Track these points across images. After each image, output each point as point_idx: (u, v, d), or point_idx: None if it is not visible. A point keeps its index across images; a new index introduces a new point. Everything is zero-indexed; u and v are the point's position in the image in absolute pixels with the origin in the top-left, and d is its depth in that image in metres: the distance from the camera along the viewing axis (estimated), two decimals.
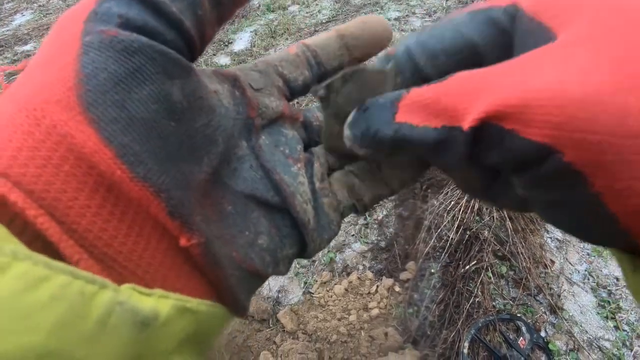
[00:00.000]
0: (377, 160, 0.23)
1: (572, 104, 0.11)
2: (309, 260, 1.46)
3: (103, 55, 0.14)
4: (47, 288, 0.10)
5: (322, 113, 0.22)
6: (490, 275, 1.28)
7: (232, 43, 2.78)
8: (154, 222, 0.14)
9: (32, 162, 0.12)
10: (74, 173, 0.13)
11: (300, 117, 0.23)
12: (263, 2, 3.26)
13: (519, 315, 1.19)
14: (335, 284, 1.36)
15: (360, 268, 1.42)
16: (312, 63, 0.23)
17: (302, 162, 0.21)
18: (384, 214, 1.57)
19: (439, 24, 0.18)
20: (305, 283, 1.40)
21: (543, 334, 1.17)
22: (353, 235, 1.52)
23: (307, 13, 3.00)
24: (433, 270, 1.34)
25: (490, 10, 0.17)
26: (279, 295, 1.38)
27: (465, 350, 1.11)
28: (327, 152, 0.23)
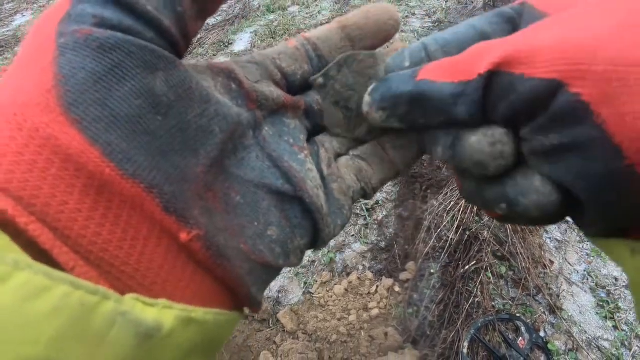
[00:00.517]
0: (382, 142, 0.23)
1: (574, 46, 0.13)
2: (309, 261, 1.47)
3: (80, 55, 0.13)
4: (48, 299, 0.10)
5: (322, 102, 0.22)
6: (490, 276, 1.28)
7: (232, 44, 2.79)
8: (150, 223, 0.14)
9: (17, 167, 0.12)
10: (62, 176, 0.12)
11: (302, 105, 0.22)
12: (263, 2, 3.26)
13: (519, 316, 1.19)
14: (335, 284, 1.37)
15: (360, 268, 1.42)
16: (312, 56, 0.22)
17: (307, 150, 0.21)
18: (384, 215, 1.58)
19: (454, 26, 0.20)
20: (305, 283, 1.40)
21: (542, 334, 1.17)
22: (353, 236, 1.53)
23: (307, 14, 3.01)
24: (433, 271, 1.34)
25: (501, 9, 0.19)
26: (279, 295, 1.39)
27: (465, 350, 1.11)
28: (333, 137, 0.23)
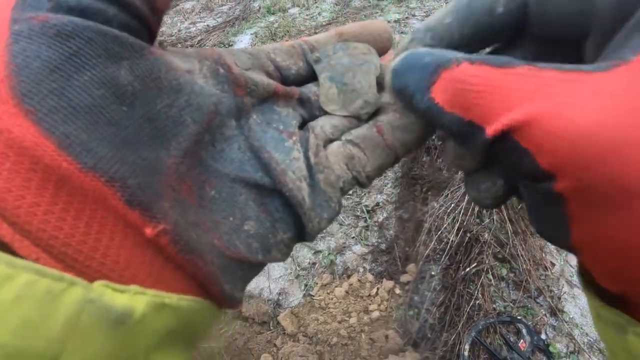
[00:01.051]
0: (379, 122, 0.21)
1: (582, 143, 0.12)
2: (310, 263, 1.46)
3: (35, 43, 0.13)
4: (11, 287, 0.10)
5: (318, 76, 0.22)
6: (491, 278, 1.28)
7: (232, 45, 2.79)
8: (115, 216, 0.13)
9: None
10: (17, 170, 0.12)
11: (296, 93, 0.21)
12: (263, 4, 3.27)
13: (520, 318, 1.19)
14: (336, 287, 1.36)
15: (361, 270, 1.42)
16: (308, 56, 0.22)
17: (297, 136, 0.20)
18: (385, 216, 1.57)
19: None
20: (306, 285, 1.40)
21: (543, 337, 1.17)
22: (353, 238, 1.52)
23: (307, 15, 3.01)
24: (433, 273, 1.34)
25: None
26: (280, 298, 1.39)
27: (466, 353, 1.11)
28: (327, 118, 0.22)
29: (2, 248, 0.12)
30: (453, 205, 1.42)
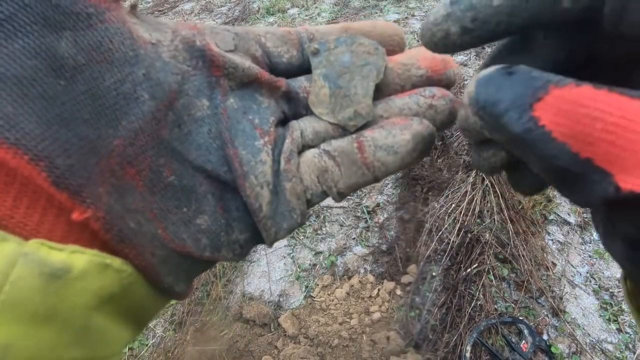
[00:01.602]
0: (364, 138, 0.19)
1: None
2: (310, 264, 1.46)
3: None
4: None
5: (312, 71, 0.20)
6: (492, 278, 1.28)
7: None
8: (48, 194, 0.13)
9: None
10: None
11: (282, 85, 0.19)
12: (263, 5, 3.27)
13: (521, 318, 1.18)
14: (337, 288, 1.36)
15: (362, 271, 1.41)
16: (305, 45, 0.20)
17: (271, 136, 0.18)
18: (385, 217, 1.57)
19: None
20: (307, 287, 1.40)
21: (545, 337, 1.16)
22: (354, 239, 1.52)
23: (306, 16, 3.01)
24: (434, 273, 1.34)
25: None
26: (280, 300, 1.38)
27: (468, 354, 1.10)
28: (312, 120, 0.20)
29: None
30: (454, 206, 1.42)
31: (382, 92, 0.21)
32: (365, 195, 1.66)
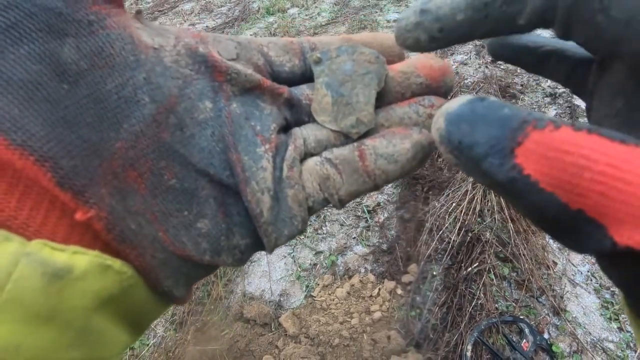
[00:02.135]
0: (365, 146, 0.19)
1: None
2: (311, 264, 1.46)
3: None
4: None
5: (315, 80, 0.21)
6: (493, 277, 1.27)
7: None
8: (52, 195, 0.13)
9: None
10: None
11: (285, 92, 0.20)
12: (263, 5, 3.27)
13: (522, 317, 1.18)
14: (337, 287, 1.36)
15: (362, 271, 1.41)
16: (307, 55, 0.21)
17: (272, 143, 0.19)
18: (385, 217, 1.57)
19: None
20: (307, 286, 1.40)
21: (546, 336, 1.16)
22: (354, 238, 1.52)
23: (306, 15, 3.01)
24: (435, 273, 1.34)
25: None
26: (281, 299, 1.38)
27: (469, 353, 1.10)
28: (314, 128, 0.20)
29: None
30: (454, 205, 1.41)
31: (383, 99, 0.21)
32: (366, 195, 1.66)
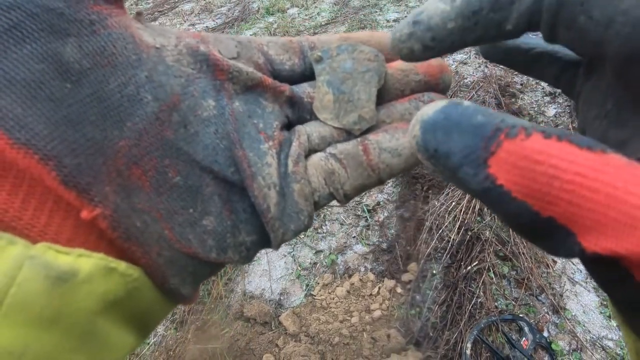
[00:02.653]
0: (368, 141, 0.20)
1: None
2: (311, 263, 1.46)
3: None
4: None
5: (316, 77, 0.21)
6: (492, 276, 1.28)
7: None
8: (56, 195, 0.13)
9: None
10: None
11: (286, 90, 0.20)
12: (262, 5, 3.27)
13: (522, 316, 1.19)
14: (337, 286, 1.36)
15: (362, 270, 1.42)
16: (306, 53, 0.21)
17: (276, 140, 0.19)
18: (385, 216, 1.57)
19: None
20: (307, 285, 1.40)
21: (546, 334, 1.16)
22: (354, 237, 1.52)
23: (306, 15, 3.01)
24: (435, 271, 1.34)
25: None
26: (281, 298, 1.39)
27: (468, 352, 1.11)
28: (317, 125, 0.21)
29: None
30: (454, 204, 1.42)
31: (383, 97, 0.21)
32: (366, 194, 1.66)
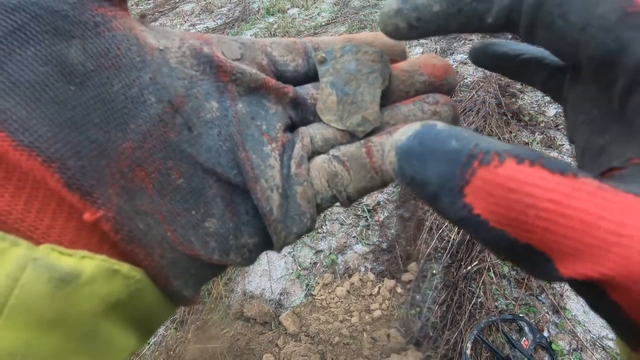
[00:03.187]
0: (371, 144, 0.20)
1: None
2: (311, 262, 1.46)
3: None
4: None
5: (320, 78, 0.21)
6: (492, 276, 1.28)
7: None
8: (59, 197, 0.13)
9: None
10: None
11: (289, 91, 0.20)
12: (263, 5, 3.28)
13: (522, 316, 1.19)
14: (337, 286, 1.36)
15: (362, 269, 1.42)
16: (310, 54, 0.21)
17: (279, 142, 0.19)
18: (385, 215, 1.57)
19: None
20: (307, 285, 1.40)
21: (546, 334, 1.16)
22: (354, 237, 1.52)
23: (306, 16, 3.01)
24: (435, 271, 1.34)
25: None
26: (281, 298, 1.39)
27: (468, 352, 1.10)
28: (320, 127, 0.21)
29: None
30: None
31: (387, 98, 0.21)
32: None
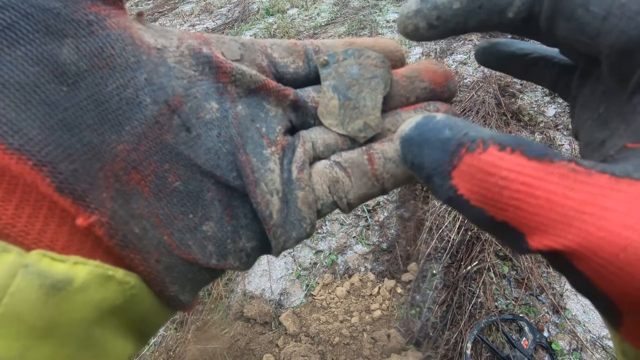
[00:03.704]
0: (373, 150, 0.20)
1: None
2: (311, 263, 1.46)
3: None
4: None
5: (321, 82, 0.21)
6: (492, 276, 1.28)
7: None
8: (51, 201, 0.13)
9: None
10: None
11: (290, 93, 0.19)
12: (262, 5, 3.28)
13: (522, 316, 1.19)
14: (337, 286, 1.36)
15: (362, 270, 1.42)
16: (310, 57, 0.21)
17: (279, 145, 0.19)
18: (385, 216, 1.57)
19: None
20: (307, 285, 1.40)
21: (546, 334, 1.16)
22: (354, 237, 1.52)
23: (306, 16, 3.02)
24: (435, 271, 1.34)
25: None
26: (281, 298, 1.39)
27: (468, 351, 1.10)
28: (321, 132, 0.20)
29: None
30: None
31: (388, 104, 0.21)
32: None
